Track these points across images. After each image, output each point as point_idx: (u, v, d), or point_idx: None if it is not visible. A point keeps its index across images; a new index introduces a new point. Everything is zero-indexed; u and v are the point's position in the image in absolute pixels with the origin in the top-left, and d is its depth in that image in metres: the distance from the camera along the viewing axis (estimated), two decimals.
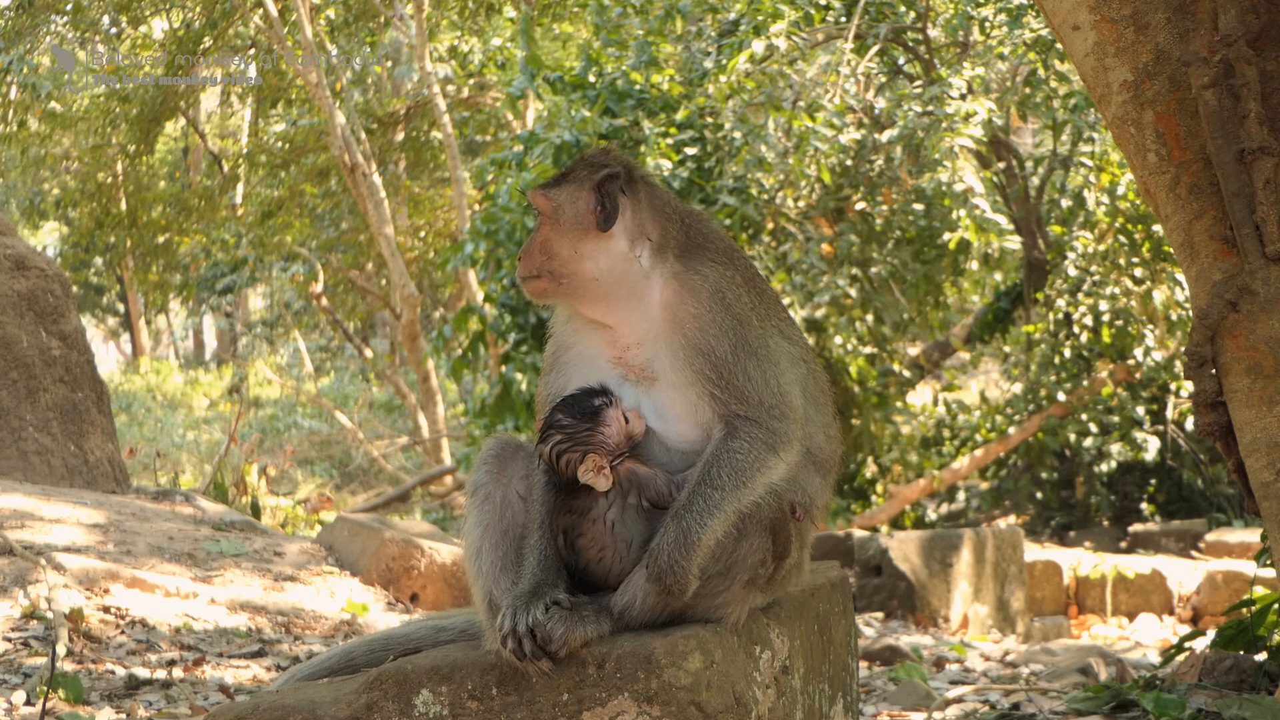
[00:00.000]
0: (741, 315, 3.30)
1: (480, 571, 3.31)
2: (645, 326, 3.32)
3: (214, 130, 29.74)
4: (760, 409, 3.22)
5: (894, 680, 6.62)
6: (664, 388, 3.29)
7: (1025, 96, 13.80)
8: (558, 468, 3.25)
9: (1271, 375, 4.15)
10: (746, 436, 3.19)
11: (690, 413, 3.27)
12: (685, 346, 3.26)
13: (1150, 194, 4.45)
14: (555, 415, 3.29)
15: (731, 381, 3.22)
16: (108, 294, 36.23)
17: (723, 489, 3.12)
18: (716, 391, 3.22)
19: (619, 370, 3.34)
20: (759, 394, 3.23)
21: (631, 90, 12.77)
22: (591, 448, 3.21)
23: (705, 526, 3.09)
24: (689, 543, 3.08)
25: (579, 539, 3.23)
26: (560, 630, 3.06)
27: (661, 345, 3.29)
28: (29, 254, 9.94)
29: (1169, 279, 13.98)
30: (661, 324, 3.30)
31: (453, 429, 20.97)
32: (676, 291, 3.31)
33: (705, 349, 3.24)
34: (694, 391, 3.25)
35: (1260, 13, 4.24)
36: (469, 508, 3.40)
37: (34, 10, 20.29)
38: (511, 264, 12.92)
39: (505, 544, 3.32)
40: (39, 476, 9.20)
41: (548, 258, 3.33)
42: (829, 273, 12.83)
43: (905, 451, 15.02)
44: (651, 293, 3.33)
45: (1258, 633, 5.47)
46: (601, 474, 3.20)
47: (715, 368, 3.23)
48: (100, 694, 5.59)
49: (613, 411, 3.25)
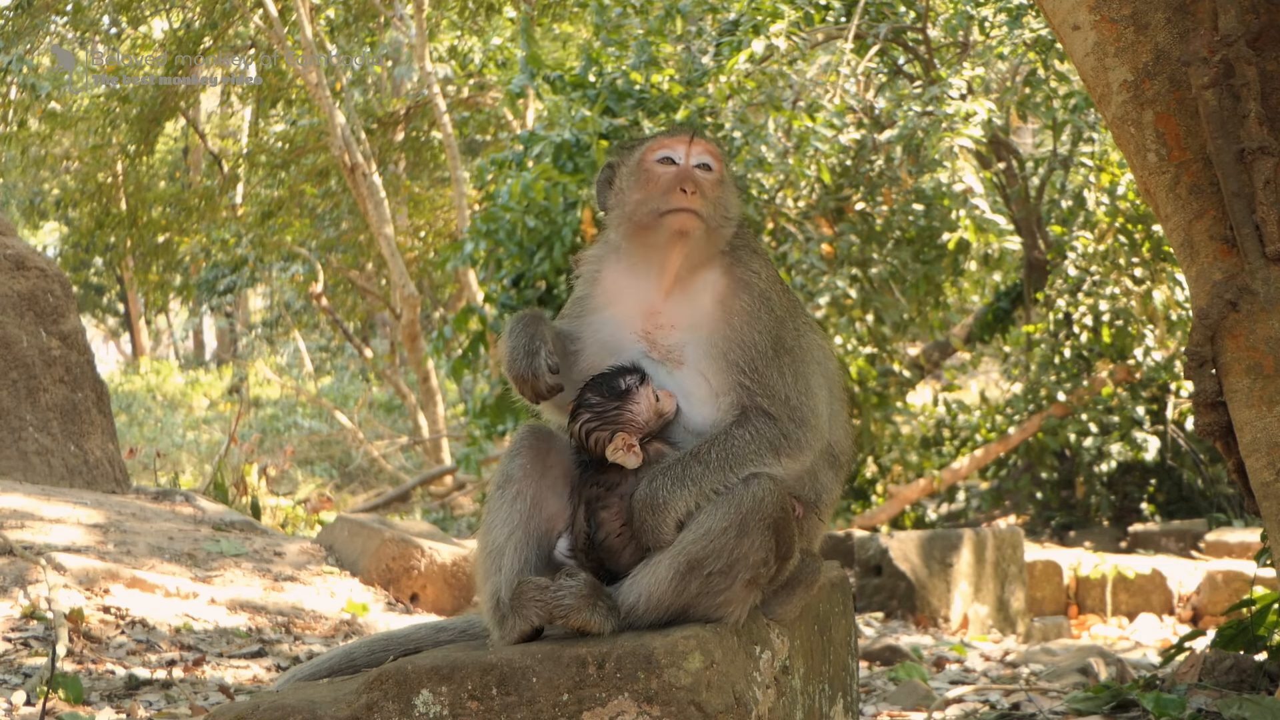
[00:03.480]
0: (783, 316, 3.35)
1: (498, 569, 3.26)
2: (689, 312, 3.33)
3: (214, 130, 29.74)
4: (783, 407, 3.23)
5: (894, 680, 6.62)
6: (690, 372, 3.30)
7: (1025, 96, 13.80)
8: (587, 446, 3.27)
9: (1271, 375, 4.15)
10: (753, 429, 3.20)
11: (713, 398, 3.28)
12: (729, 338, 3.28)
13: (1150, 194, 4.45)
14: (585, 394, 3.30)
15: (764, 376, 3.25)
16: (108, 294, 36.23)
17: (706, 465, 3.14)
18: (746, 381, 3.24)
19: (643, 345, 3.34)
20: (786, 392, 3.25)
21: (631, 90, 12.77)
22: (621, 426, 3.23)
23: (674, 495, 3.11)
24: (655, 504, 3.12)
25: (603, 510, 3.24)
26: (571, 602, 3.08)
27: (701, 334, 3.30)
28: (29, 254, 9.94)
29: (1169, 279, 13.98)
30: (710, 314, 3.31)
31: (453, 429, 20.98)
32: (731, 285, 3.34)
33: (749, 342, 3.27)
34: (724, 379, 3.26)
35: (1260, 13, 4.24)
36: (496, 500, 3.32)
37: (34, 10, 20.30)
38: (512, 264, 12.91)
39: (530, 547, 3.28)
40: (39, 476, 9.20)
41: (715, 207, 3.34)
42: (829, 273, 12.83)
43: (905, 451, 15.02)
44: (711, 280, 3.35)
45: (1258, 633, 5.47)
46: (631, 452, 3.22)
47: (751, 361, 3.25)
48: (100, 694, 5.59)
49: (643, 390, 3.27)
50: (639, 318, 3.36)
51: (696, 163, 3.37)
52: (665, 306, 3.35)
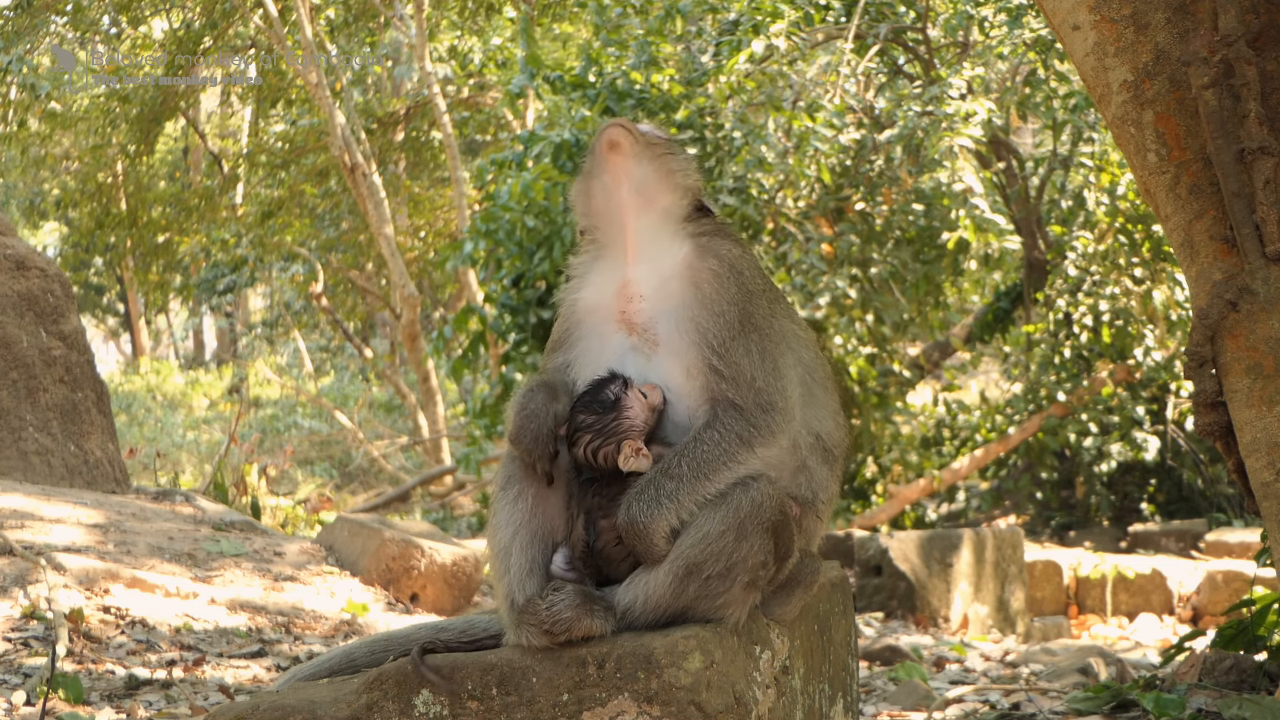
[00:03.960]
0: (754, 291, 3.34)
1: (507, 570, 3.28)
2: (658, 280, 3.34)
3: (214, 130, 29.74)
4: (750, 393, 3.21)
5: (894, 680, 6.62)
6: (665, 354, 3.30)
7: (1025, 96, 13.80)
8: (595, 464, 3.26)
9: (1271, 375, 4.15)
10: (722, 427, 3.19)
11: (688, 380, 3.28)
12: (696, 303, 3.28)
13: (1150, 194, 4.45)
14: (577, 417, 3.29)
15: (731, 353, 3.23)
16: (108, 294, 36.23)
17: (679, 480, 3.14)
18: (714, 360, 3.23)
19: (623, 332, 3.34)
20: (753, 373, 3.23)
21: (631, 90, 12.77)
22: (624, 435, 3.23)
23: (654, 516, 3.12)
24: (636, 529, 3.12)
25: (603, 519, 3.24)
26: (569, 615, 3.08)
27: (671, 301, 3.31)
28: (29, 254, 9.94)
29: (1169, 279, 13.98)
30: (675, 278, 3.32)
31: (453, 429, 20.97)
32: (698, 251, 3.36)
33: (717, 310, 3.26)
34: (694, 356, 3.26)
35: (1260, 13, 4.24)
36: (499, 501, 3.34)
37: (34, 10, 20.29)
38: (512, 264, 12.91)
39: (535, 547, 3.30)
40: (39, 476, 9.20)
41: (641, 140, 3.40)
42: (829, 273, 12.82)
43: (905, 451, 15.01)
44: (676, 249, 3.37)
45: (1258, 633, 5.47)
46: (640, 455, 3.22)
47: (719, 333, 3.24)
48: (100, 694, 5.59)
49: (631, 393, 3.26)
50: (613, 298, 3.38)
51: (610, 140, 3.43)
52: (632, 274, 3.37)
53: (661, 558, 3.14)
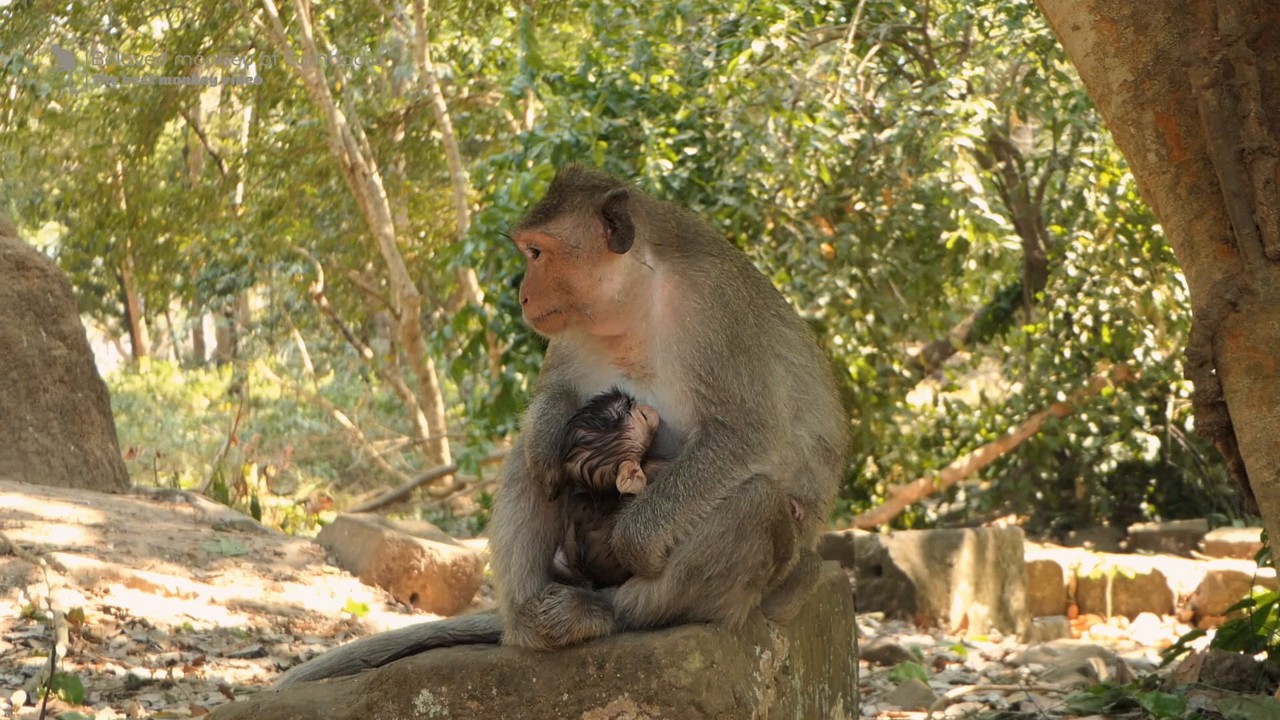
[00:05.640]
0: (739, 312, 3.30)
1: (508, 569, 3.28)
2: (646, 326, 3.31)
3: (214, 130, 29.74)
4: (739, 413, 3.21)
5: (894, 680, 6.63)
6: (660, 384, 3.29)
7: (1025, 96, 13.80)
8: (591, 482, 3.24)
9: (1271, 375, 4.15)
10: (715, 446, 3.18)
11: (682, 408, 3.27)
12: (683, 339, 3.26)
13: (1150, 194, 4.45)
14: (577, 432, 3.26)
15: (720, 379, 3.21)
16: (108, 294, 36.23)
17: (676, 499, 3.13)
18: (702, 388, 3.22)
19: (621, 370, 3.34)
20: (743, 394, 3.22)
21: (631, 90, 12.77)
22: (623, 456, 3.21)
23: (650, 536, 3.11)
24: (633, 549, 3.11)
25: (593, 530, 3.23)
26: (566, 618, 3.08)
27: (659, 341, 3.29)
28: (29, 254, 9.94)
29: (1169, 279, 13.98)
30: (662, 320, 3.30)
31: (453, 429, 20.98)
32: (679, 286, 3.31)
33: (704, 342, 3.24)
34: (683, 386, 3.25)
35: (1260, 13, 4.24)
36: (502, 499, 3.34)
37: (34, 10, 20.30)
38: (512, 264, 12.91)
39: (537, 547, 3.29)
40: (39, 476, 9.20)
41: (565, 293, 3.29)
42: (829, 273, 12.83)
43: (905, 451, 15.02)
44: (654, 291, 3.32)
45: (1258, 633, 5.47)
46: (636, 477, 3.20)
47: (707, 362, 3.22)
48: (100, 694, 5.59)
49: (634, 414, 3.25)
50: (609, 349, 3.36)
51: (529, 249, 3.35)
52: (631, 333, 3.33)
53: (657, 575, 3.14)
